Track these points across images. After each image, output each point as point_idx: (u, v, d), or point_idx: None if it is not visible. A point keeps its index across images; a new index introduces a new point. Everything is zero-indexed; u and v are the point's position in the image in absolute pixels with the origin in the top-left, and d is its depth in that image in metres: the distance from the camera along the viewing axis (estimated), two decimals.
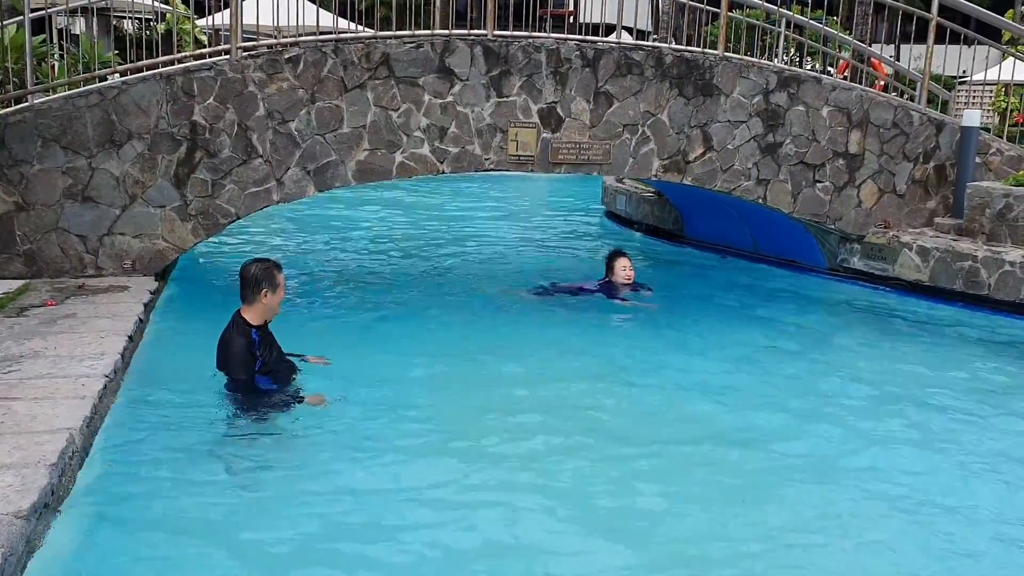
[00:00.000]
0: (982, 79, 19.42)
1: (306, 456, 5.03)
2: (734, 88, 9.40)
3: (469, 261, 11.29)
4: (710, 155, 9.44)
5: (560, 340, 7.59)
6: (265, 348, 5.54)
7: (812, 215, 9.87)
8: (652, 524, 4.49)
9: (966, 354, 7.78)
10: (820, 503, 4.81)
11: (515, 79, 8.75)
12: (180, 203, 8.14)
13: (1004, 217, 9.34)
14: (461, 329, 7.81)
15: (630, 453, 5.27)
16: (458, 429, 5.53)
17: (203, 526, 4.22)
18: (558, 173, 9.37)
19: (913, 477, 5.16)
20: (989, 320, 8.76)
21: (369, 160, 8.50)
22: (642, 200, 13.71)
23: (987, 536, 4.51)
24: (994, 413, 6.25)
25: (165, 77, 7.93)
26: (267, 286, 5.49)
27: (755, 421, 5.96)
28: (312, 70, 8.22)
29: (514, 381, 6.51)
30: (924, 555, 4.30)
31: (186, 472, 4.74)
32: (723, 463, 5.28)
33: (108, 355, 5.79)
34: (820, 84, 9.74)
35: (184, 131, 8.02)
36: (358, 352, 6.91)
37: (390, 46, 8.42)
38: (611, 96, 9.04)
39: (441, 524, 4.38)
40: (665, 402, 6.29)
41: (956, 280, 9.23)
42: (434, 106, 8.57)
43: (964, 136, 9.92)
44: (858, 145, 9.84)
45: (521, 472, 5.00)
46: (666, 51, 9.32)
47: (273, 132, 8.22)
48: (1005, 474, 5.26)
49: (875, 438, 5.75)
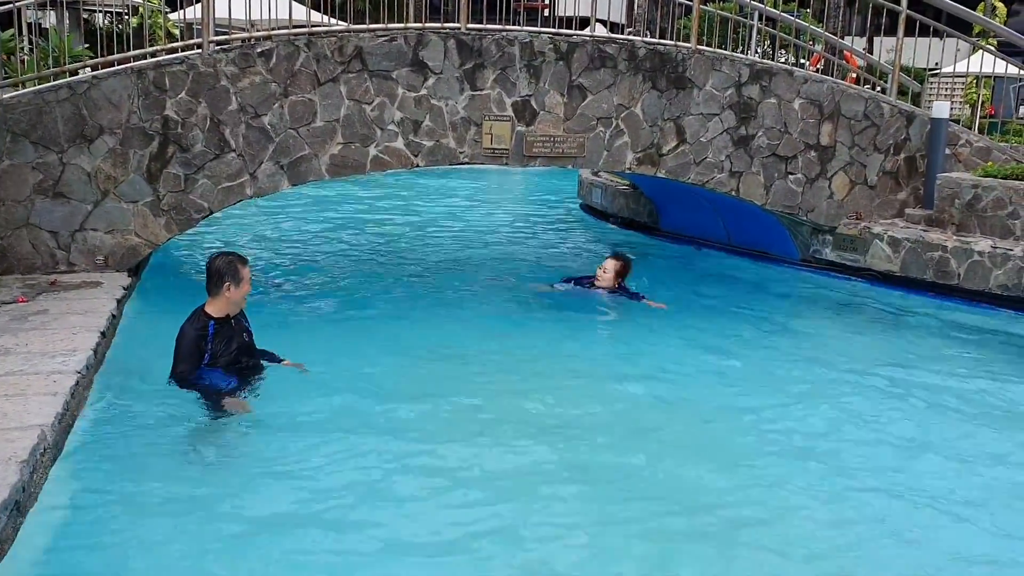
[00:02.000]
0: (954, 71, 19.64)
1: (277, 449, 5.03)
2: (707, 81, 9.46)
3: (447, 256, 11.27)
4: (683, 148, 9.49)
5: (539, 337, 7.61)
6: (221, 342, 5.54)
7: (784, 207, 9.95)
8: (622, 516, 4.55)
9: (936, 343, 7.91)
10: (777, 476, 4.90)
11: (489, 72, 8.76)
12: (153, 198, 8.09)
13: (973, 208, 9.46)
14: (440, 328, 7.78)
15: (619, 453, 5.28)
16: (432, 427, 5.56)
17: (177, 521, 4.23)
18: (533, 167, 9.39)
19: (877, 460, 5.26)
20: (959, 309, 8.88)
21: (343, 154, 8.48)
22: (617, 193, 13.76)
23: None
24: (957, 398, 6.39)
25: (136, 71, 7.88)
26: (230, 279, 5.50)
27: (727, 404, 6.09)
28: (285, 64, 8.20)
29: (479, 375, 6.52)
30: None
31: (160, 468, 4.73)
32: (696, 446, 5.36)
33: (80, 351, 5.76)
34: (792, 77, 9.82)
35: (156, 126, 7.97)
36: (337, 349, 6.90)
37: (363, 39, 8.40)
38: (585, 89, 9.07)
39: (400, 514, 4.41)
40: (642, 392, 6.36)
41: (927, 270, 9.35)
42: (408, 99, 8.57)
43: (934, 128, 10.03)
44: (829, 137, 9.93)
45: (494, 465, 5.05)
46: (639, 44, 9.36)
47: (246, 126, 8.19)
48: (963, 452, 5.47)
49: (836, 422, 5.88)
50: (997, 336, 8.17)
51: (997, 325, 8.47)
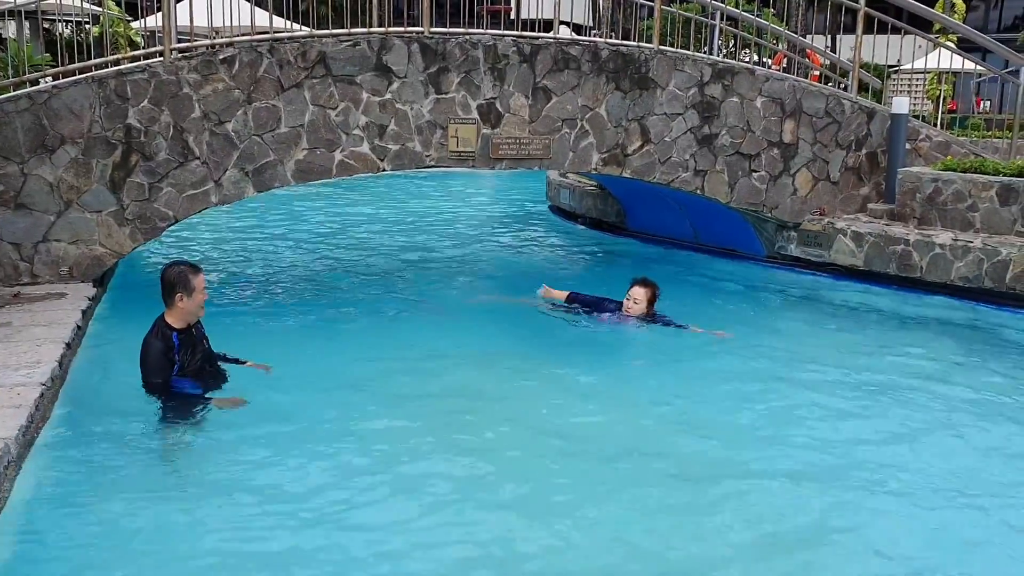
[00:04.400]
0: (917, 68, 19.92)
1: (249, 454, 5.02)
2: (670, 81, 9.54)
3: (416, 260, 11.27)
4: (648, 148, 9.57)
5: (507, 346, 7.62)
6: (186, 351, 5.52)
7: (749, 204, 10.06)
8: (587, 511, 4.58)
9: (899, 335, 8.02)
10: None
11: (453, 76, 8.78)
12: (117, 208, 8.04)
13: (934, 201, 9.61)
14: (417, 331, 7.79)
15: (602, 462, 5.26)
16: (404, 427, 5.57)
17: (142, 534, 4.20)
18: (500, 169, 9.42)
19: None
20: (922, 301, 9.02)
21: (308, 159, 8.47)
22: (585, 194, 13.83)
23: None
24: (923, 386, 6.54)
25: (97, 80, 7.82)
26: (181, 290, 5.47)
27: (697, 396, 6.18)
28: (248, 70, 8.17)
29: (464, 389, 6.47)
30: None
31: (125, 480, 4.70)
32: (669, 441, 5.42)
33: (44, 363, 5.71)
34: (753, 75, 9.93)
35: (119, 135, 7.91)
36: (306, 355, 6.89)
37: (326, 45, 8.40)
38: (549, 91, 9.12)
39: (371, 522, 4.40)
40: (605, 391, 6.41)
41: (889, 264, 9.48)
42: (372, 104, 8.58)
43: (894, 123, 10.18)
44: (792, 134, 10.05)
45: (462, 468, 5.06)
46: (602, 45, 9.43)
47: (210, 133, 8.16)
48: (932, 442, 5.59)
49: (806, 416, 5.96)
50: (959, 327, 8.30)
51: (960, 317, 8.60)
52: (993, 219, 9.24)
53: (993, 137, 13.81)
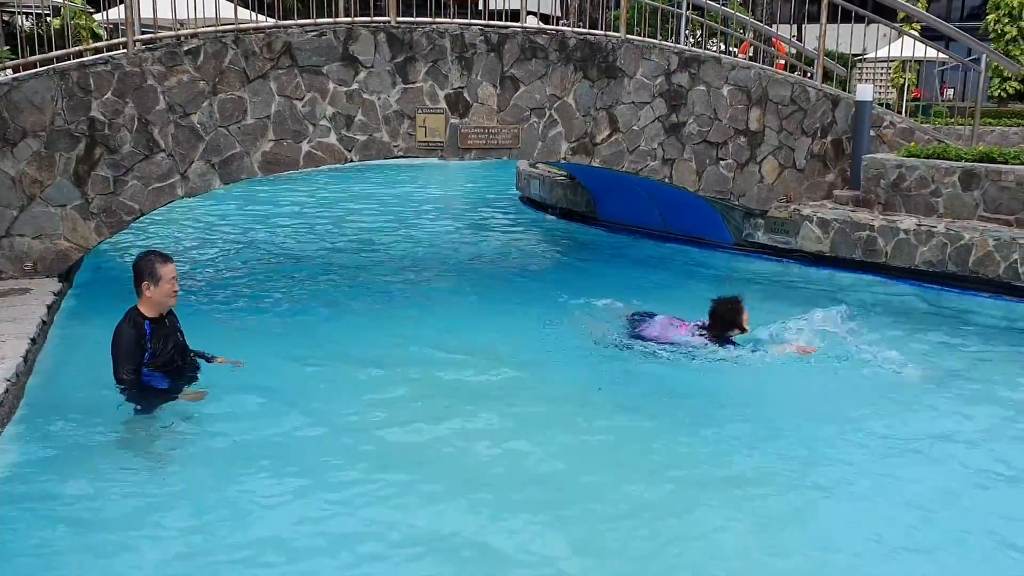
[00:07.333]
0: (882, 56, 20.15)
1: (208, 454, 4.99)
2: (637, 70, 9.58)
3: (385, 251, 11.25)
4: (616, 136, 9.60)
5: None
6: (158, 341, 5.47)
7: (717, 192, 10.13)
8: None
9: (866, 320, 8.12)
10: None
11: (420, 65, 8.76)
12: (81, 201, 7.95)
13: (898, 187, 9.73)
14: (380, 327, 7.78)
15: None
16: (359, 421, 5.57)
17: (109, 527, 4.18)
18: (468, 159, 9.41)
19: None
20: (886, 286, 9.14)
21: (275, 151, 8.42)
22: (555, 184, 13.86)
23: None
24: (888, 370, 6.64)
25: (59, 72, 7.72)
26: (148, 278, 5.41)
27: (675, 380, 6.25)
28: (213, 61, 8.10)
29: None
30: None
31: (91, 474, 4.66)
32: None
33: (9, 359, 5.65)
34: (720, 64, 9.98)
35: (82, 127, 7.82)
36: (276, 350, 6.86)
37: (292, 35, 8.35)
38: (517, 80, 9.13)
39: (334, 515, 4.40)
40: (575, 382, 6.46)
41: (855, 249, 9.59)
42: (339, 94, 8.54)
43: (858, 110, 10.29)
44: (758, 122, 10.13)
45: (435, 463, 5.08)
46: (569, 34, 9.44)
47: (175, 126, 8.08)
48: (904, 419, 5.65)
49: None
50: (925, 311, 8.43)
51: (924, 301, 8.73)
52: (956, 204, 9.37)
53: (956, 124, 14.00)
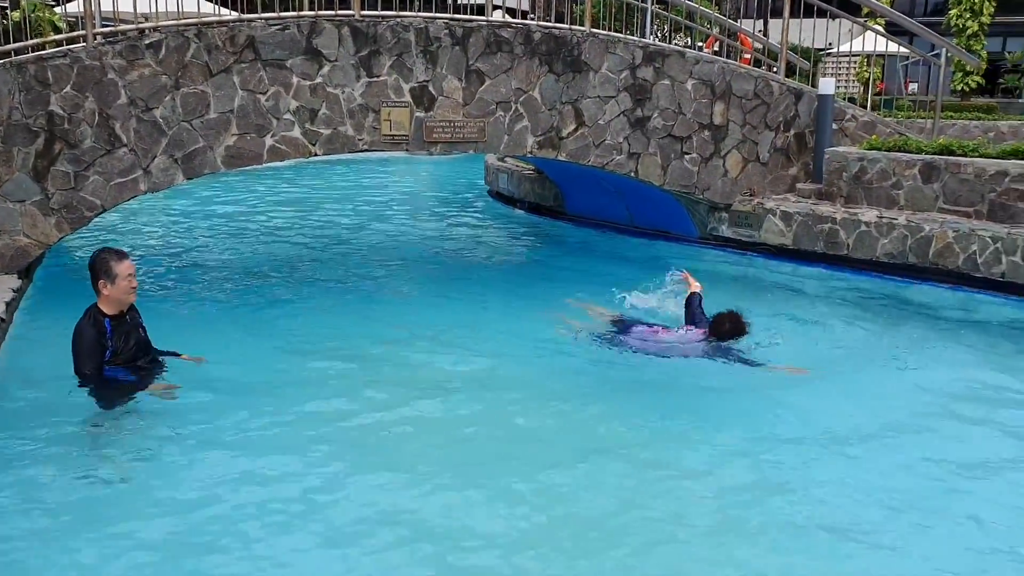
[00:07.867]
0: (847, 51, 20.35)
1: (176, 451, 4.96)
2: (602, 64, 9.61)
3: (353, 246, 11.21)
4: (582, 131, 9.64)
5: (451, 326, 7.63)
6: (119, 338, 5.42)
7: (681, 186, 10.20)
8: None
9: (825, 311, 8.23)
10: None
11: (385, 59, 8.74)
12: (41, 197, 7.85)
13: (860, 180, 9.85)
14: (350, 319, 7.75)
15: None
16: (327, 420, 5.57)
17: (70, 526, 4.15)
18: (434, 153, 9.40)
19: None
20: (848, 278, 9.25)
21: (239, 145, 8.37)
22: (523, 178, 13.87)
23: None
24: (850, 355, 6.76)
25: (16, 65, 7.62)
26: (103, 276, 5.35)
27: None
28: (175, 55, 8.03)
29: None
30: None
31: (53, 473, 4.63)
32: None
33: None
34: (684, 58, 10.04)
35: (41, 122, 7.72)
36: (239, 345, 6.83)
37: (255, 29, 8.29)
38: (482, 74, 9.13)
39: (303, 510, 4.39)
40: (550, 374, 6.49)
41: (817, 242, 9.70)
42: (303, 88, 8.49)
43: (820, 104, 10.40)
44: (722, 116, 10.21)
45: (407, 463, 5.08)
46: (534, 28, 9.46)
47: (137, 120, 8.00)
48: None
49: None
50: (884, 301, 8.54)
51: (885, 291, 8.85)
52: (916, 196, 9.49)
53: (919, 117, 14.19)
